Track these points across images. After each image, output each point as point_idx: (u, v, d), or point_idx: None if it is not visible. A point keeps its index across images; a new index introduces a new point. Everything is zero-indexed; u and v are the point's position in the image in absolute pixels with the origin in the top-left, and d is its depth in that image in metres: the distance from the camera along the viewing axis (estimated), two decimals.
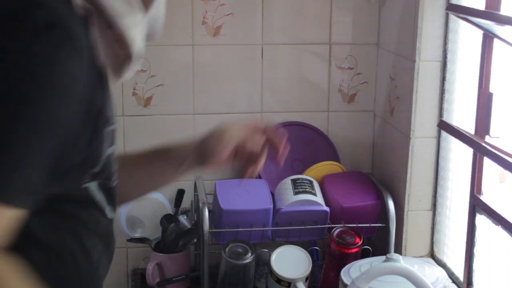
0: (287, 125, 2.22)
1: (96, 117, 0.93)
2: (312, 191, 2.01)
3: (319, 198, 2.00)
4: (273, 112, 2.23)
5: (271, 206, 1.98)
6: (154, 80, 2.16)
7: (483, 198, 1.70)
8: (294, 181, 2.03)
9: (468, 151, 1.76)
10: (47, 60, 0.83)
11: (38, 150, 0.84)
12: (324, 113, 2.26)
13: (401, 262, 1.58)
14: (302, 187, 2.01)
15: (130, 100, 2.17)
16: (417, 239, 2.03)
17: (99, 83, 0.94)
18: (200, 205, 1.96)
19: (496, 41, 1.63)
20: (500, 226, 1.59)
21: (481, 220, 1.71)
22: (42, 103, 0.83)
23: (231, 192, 1.99)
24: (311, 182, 2.05)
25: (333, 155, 2.22)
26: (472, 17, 1.59)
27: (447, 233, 1.96)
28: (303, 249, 1.98)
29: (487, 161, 1.68)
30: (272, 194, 2.04)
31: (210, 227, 1.94)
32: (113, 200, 1.06)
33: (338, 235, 1.91)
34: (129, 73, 1.03)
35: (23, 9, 0.84)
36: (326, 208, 1.98)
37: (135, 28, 0.97)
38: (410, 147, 1.95)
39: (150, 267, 2.05)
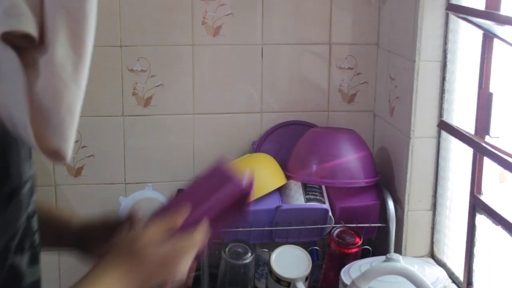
0: (287, 124, 2.22)
1: None
2: (322, 199, 2.00)
3: (326, 205, 2.00)
4: (273, 112, 2.23)
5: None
6: (154, 80, 2.16)
7: (483, 198, 1.69)
8: (304, 185, 2.02)
9: (468, 151, 1.76)
10: None
11: None
12: (324, 113, 2.26)
13: (401, 262, 1.58)
14: (313, 193, 2.00)
15: (130, 100, 2.17)
16: (417, 239, 2.02)
17: None
18: None
19: (496, 41, 1.63)
20: (500, 226, 1.59)
21: (481, 220, 1.71)
22: None
23: None
24: (320, 187, 2.04)
25: None
26: (472, 17, 1.59)
27: (447, 233, 1.96)
28: (303, 249, 1.98)
29: (487, 161, 1.68)
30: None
31: None
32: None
33: (338, 235, 1.91)
34: None
35: None
36: (326, 206, 1.98)
37: None
38: (410, 147, 1.95)
39: None
